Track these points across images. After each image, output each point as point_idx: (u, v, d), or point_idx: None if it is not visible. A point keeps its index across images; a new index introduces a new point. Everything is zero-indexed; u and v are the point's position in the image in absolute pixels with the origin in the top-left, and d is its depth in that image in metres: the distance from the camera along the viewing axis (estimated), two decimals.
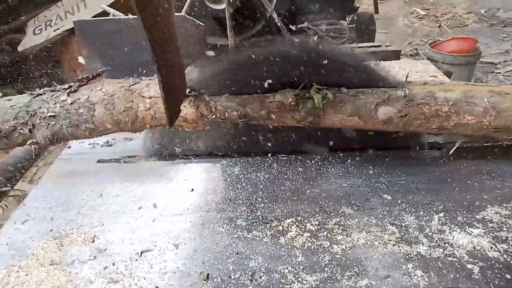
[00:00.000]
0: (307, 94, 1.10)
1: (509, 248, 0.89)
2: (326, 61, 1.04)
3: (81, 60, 1.70)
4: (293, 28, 2.12)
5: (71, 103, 1.16)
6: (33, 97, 1.19)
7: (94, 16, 3.66)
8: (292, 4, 2.32)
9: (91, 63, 1.71)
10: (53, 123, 1.16)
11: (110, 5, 3.55)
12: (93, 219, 1.09)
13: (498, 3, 6.25)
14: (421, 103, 1.08)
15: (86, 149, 1.43)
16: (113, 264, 0.95)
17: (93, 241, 1.02)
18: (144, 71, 1.70)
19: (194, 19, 1.60)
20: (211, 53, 1.23)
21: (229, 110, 1.14)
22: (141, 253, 0.97)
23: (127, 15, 1.86)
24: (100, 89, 1.18)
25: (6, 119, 1.17)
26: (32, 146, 1.17)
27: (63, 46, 3.97)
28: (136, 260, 0.95)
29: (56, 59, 4.07)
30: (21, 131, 1.16)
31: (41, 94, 1.19)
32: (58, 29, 3.90)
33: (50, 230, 1.06)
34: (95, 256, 0.97)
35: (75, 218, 1.10)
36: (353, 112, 1.11)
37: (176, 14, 1.66)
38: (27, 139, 1.17)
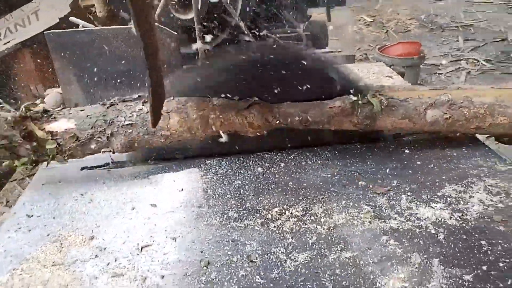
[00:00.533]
0: (363, 100, 1.22)
1: (463, 216, 1.06)
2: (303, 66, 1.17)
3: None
4: (258, 35, 2.24)
5: (147, 112, 1.22)
6: (107, 107, 1.24)
7: (48, 29, 3.60)
8: (254, 13, 2.44)
9: (64, 75, 1.73)
10: (130, 131, 1.22)
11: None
12: (88, 223, 1.13)
13: (436, 10, 6.78)
14: (461, 106, 1.23)
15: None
16: (115, 260, 1.00)
17: (92, 241, 1.06)
18: (118, 81, 1.75)
19: (168, 29, 1.67)
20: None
21: (291, 116, 1.25)
22: (142, 248, 1.03)
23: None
24: (173, 98, 1.25)
25: (84, 128, 1.21)
26: (108, 153, 1.22)
27: (15, 59, 3.85)
28: (137, 255, 1.01)
29: (8, 72, 3.94)
30: (99, 139, 1.21)
31: (114, 104, 1.24)
32: (8, 42, 3.79)
33: (47, 235, 1.09)
34: (96, 255, 1.02)
35: (69, 223, 1.14)
36: (404, 115, 1.25)
37: None
38: (103, 147, 1.22)
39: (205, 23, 2.01)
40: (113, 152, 1.24)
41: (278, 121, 1.26)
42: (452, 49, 5.34)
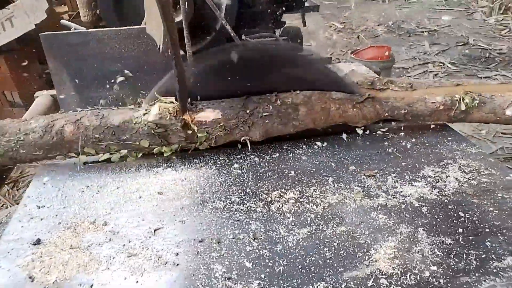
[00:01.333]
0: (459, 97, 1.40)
1: (442, 192, 1.20)
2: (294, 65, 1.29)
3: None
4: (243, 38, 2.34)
5: (280, 104, 1.34)
6: (245, 99, 1.36)
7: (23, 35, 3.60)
8: (237, 17, 2.54)
9: (59, 76, 1.78)
10: (267, 121, 1.35)
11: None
12: (98, 211, 1.20)
13: (403, 16, 7.11)
14: None
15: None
16: (130, 241, 1.07)
17: (105, 226, 1.13)
18: (112, 81, 1.82)
19: None
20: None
21: (398, 109, 1.40)
22: (154, 230, 1.11)
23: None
24: (299, 92, 1.38)
25: (228, 118, 1.33)
26: (247, 141, 1.38)
27: None
28: (150, 237, 1.09)
29: None
30: (242, 128, 1.34)
31: (249, 96, 1.36)
32: None
33: (59, 223, 1.15)
34: (110, 239, 1.09)
35: (80, 212, 1.20)
36: (489, 110, 1.42)
37: (139, 27, 1.80)
38: (244, 135, 1.35)
39: (193, 25, 2.09)
40: (251, 140, 1.38)
41: (386, 114, 1.42)
42: (419, 53, 5.62)
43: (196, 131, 1.34)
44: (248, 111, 1.35)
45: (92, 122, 1.33)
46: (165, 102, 1.32)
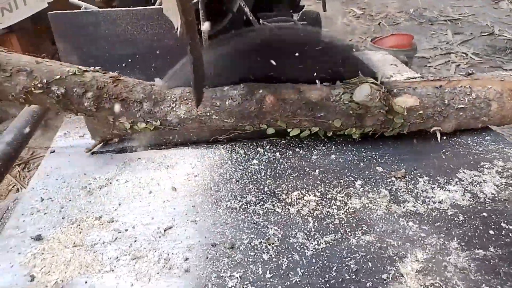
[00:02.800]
0: None
1: (480, 198, 1.09)
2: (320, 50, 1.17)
3: None
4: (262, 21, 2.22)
5: (475, 98, 1.27)
6: (439, 87, 1.29)
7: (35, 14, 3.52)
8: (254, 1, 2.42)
9: (68, 58, 1.69)
10: (461, 113, 1.28)
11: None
12: (105, 206, 1.12)
13: (425, 3, 6.85)
14: None
15: (75, 143, 1.43)
16: (136, 241, 0.99)
17: (111, 224, 1.05)
18: (124, 65, 1.72)
19: None
20: None
21: None
22: (164, 230, 1.02)
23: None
24: (491, 87, 1.30)
25: (425, 106, 1.27)
26: (438, 132, 1.31)
27: (2, 44, 3.74)
28: (160, 237, 1.01)
29: None
30: (436, 118, 1.28)
31: (442, 85, 1.29)
32: None
33: (63, 218, 1.08)
34: (116, 238, 1.01)
35: (85, 206, 1.12)
36: None
37: (153, 7, 1.70)
38: (435, 126, 1.30)
39: (207, 6, 1.98)
40: (441, 131, 1.32)
41: None
42: (441, 42, 5.41)
43: (396, 116, 1.27)
44: (445, 101, 1.27)
45: (291, 96, 1.24)
46: (372, 83, 1.22)
